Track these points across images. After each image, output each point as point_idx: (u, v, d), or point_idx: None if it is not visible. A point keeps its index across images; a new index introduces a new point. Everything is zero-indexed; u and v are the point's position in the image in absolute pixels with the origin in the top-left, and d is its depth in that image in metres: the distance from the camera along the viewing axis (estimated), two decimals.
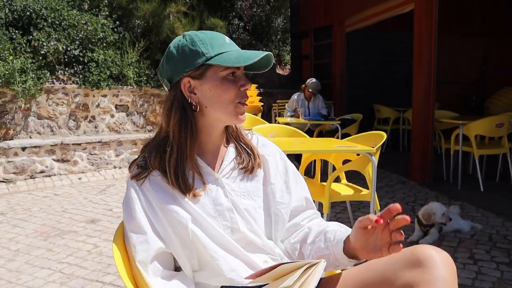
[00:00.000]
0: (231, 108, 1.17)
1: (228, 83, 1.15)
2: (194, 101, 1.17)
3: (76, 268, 2.97)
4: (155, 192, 1.16)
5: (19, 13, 6.12)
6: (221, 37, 1.18)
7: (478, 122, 4.78)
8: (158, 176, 1.17)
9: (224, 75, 1.15)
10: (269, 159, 1.31)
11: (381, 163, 3.58)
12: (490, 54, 8.62)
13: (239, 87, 1.17)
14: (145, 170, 1.17)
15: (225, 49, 1.15)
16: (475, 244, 3.30)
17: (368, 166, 2.95)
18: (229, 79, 1.16)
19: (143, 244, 1.12)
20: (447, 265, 1.04)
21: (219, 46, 1.14)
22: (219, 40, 1.16)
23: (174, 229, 1.14)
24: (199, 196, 1.17)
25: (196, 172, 1.19)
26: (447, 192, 4.83)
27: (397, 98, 8.32)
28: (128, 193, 1.18)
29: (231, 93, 1.16)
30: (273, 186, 1.28)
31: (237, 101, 1.17)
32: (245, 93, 1.18)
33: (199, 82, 1.16)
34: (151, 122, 7.05)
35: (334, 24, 8.12)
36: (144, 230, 1.13)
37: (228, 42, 1.17)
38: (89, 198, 4.89)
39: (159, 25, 7.28)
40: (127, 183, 1.20)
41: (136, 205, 1.16)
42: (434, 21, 5.18)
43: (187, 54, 1.15)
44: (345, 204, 3.73)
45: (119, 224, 1.28)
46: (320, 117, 5.88)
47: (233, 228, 1.19)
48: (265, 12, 10.84)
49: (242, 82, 1.17)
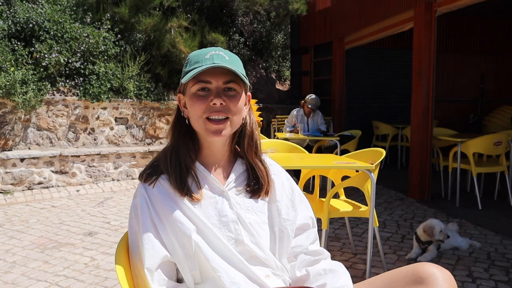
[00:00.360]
0: (201, 123, 1.18)
1: (196, 99, 1.17)
2: (186, 114, 1.23)
3: (73, 281, 2.95)
4: (162, 199, 1.17)
5: (21, 25, 6.18)
6: (205, 53, 1.18)
7: (476, 140, 4.80)
8: (165, 180, 1.20)
9: (194, 91, 1.18)
10: (275, 178, 1.32)
11: (380, 180, 3.59)
12: (488, 73, 8.70)
13: (209, 102, 1.16)
14: (155, 174, 1.21)
15: (198, 64, 1.16)
16: (474, 262, 3.29)
17: (367, 182, 2.96)
18: (199, 94, 1.17)
19: (150, 251, 1.13)
20: (449, 282, 1.05)
21: (194, 63, 1.17)
22: (198, 57, 1.18)
23: (177, 239, 1.14)
24: (198, 201, 1.18)
25: (196, 179, 1.21)
26: (445, 209, 4.83)
27: (395, 115, 8.37)
28: (136, 200, 1.20)
29: (197, 108, 1.17)
30: (278, 204, 1.28)
31: (205, 116, 1.17)
32: (214, 107, 1.16)
33: (185, 97, 1.23)
34: (151, 135, 7.06)
35: (334, 41, 8.20)
36: (151, 237, 1.14)
37: (207, 57, 1.16)
38: (87, 211, 4.87)
39: (161, 39, 7.34)
40: (136, 190, 1.23)
41: (144, 212, 1.17)
42: (433, 40, 5.24)
43: (183, 72, 1.22)
44: (344, 220, 3.73)
45: (123, 235, 1.29)
46: (319, 133, 5.90)
47: (237, 240, 1.19)
48: (265, 28, 10.94)
49: (211, 97, 1.16)
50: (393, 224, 4.34)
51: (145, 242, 1.14)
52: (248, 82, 1.21)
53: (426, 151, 5.40)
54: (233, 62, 1.18)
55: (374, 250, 3.42)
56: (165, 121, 7.22)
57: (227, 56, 1.18)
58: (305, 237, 1.32)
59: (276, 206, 1.28)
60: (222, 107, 1.16)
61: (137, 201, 1.19)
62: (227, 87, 1.17)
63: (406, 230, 4.14)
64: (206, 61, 1.15)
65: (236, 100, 1.18)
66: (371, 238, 2.89)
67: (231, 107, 1.17)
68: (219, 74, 1.16)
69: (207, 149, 1.25)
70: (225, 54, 1.18)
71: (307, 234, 1.33)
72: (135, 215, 1.19)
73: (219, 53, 1.17)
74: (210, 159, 1.26)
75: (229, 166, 1.29)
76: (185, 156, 1.21)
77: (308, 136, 5.83)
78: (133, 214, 1.20)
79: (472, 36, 8.68)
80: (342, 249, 3.61)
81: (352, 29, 7.49)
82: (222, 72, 1.16)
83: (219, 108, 1.16)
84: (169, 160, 1.21)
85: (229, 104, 1.17)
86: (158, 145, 7.06)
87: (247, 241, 1.20)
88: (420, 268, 1.08)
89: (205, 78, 1.15)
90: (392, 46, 8.58)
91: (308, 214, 1.35)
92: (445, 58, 8.20)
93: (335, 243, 3.76)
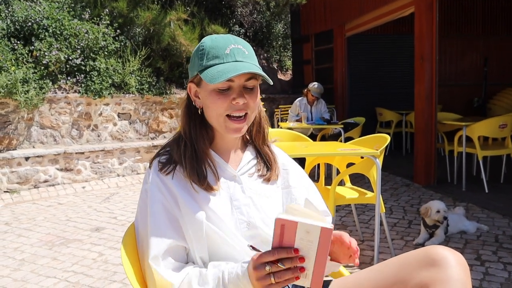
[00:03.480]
0: (221, 121, 1.17)
1: (216, 96, 1.14)
2: (198, 104, 1.22)
3: (81, 276, 2.96)
4: (176, 187, 1.17)
5: (20, 23, 6.16)
6: (224, 46, 1.15)
7: (481, 123, 4.77)
8: (179, 170, 1.19)
9: (213, 88, 1.14)
10: (288, 165, 1.36)
11: (385, 166, 3.57)
12: (491, 55, 8.62)
13: (231, 100, 1.14)
14: (170, 163, 1.20)
15: (218, 60, 1.13)
16: (482, 245, 3.28)
17: (372, 169, 2.95)
18: (219, 91, 1.14)
19: (157, 237, 1.13)
20: (461, 265, 1.05)
21: (213, 58, 1.14)
22: (217, 51, 1.14)
23: (190, 223, 1.14)
24: (215, 190, 1.18)
25: (212, 167, 1.21)
26: (452, 193, 4.81)
27: (399, 101, 8.31)
28: (147, 186, 1.19)
29: (219, 106, 1.15)
30: (292, 189, 1.31)
31: (227, 113, 1.15)
32: (237, 106, 1.15)
33: (199, 89, 1.19)
34: (154, 130, 7.06)
35: (335, 29, 8.14)
36: (157, 224, 1.14)
37: (227, 53, 1.13)
38: (93, 207, 4.88)
39: (160, 33, 7.30)
40: (146, 176, 1.21)
41: (153, 199, 1.16)
42: (435, 24, 5.18)
43: (193, 62, 1.19)
44: (350, 207, 3.72)
45: (129, 226, 1.29)
46: (322, 122, 5.88)
47: (249, 223, 1.19)
48: (265, 18, 10.88)
49: (234, 95, 1.14)
50: (400, 210, 4.33)
51: (152, 228, 1.14)
52: (269, 78, 1.17)
53: (430, 136, 5.37)
54: (252, 56, 1.17)
55: (381, 236, 3.42)
56: (168, 115, 7.21)
57: (246, 51, 1.16)
58: None
59: (289, 191, 1.31)
60: (243, 105, 1.15)
61: (147, 186, 1.19)
62: (247, 84, 1.16)
63: (413, 215, 4.13)
64: (227, 57, 1.13)
65: (255, 96, 1.18)
66: (378, 224, 2.88)
67: (251, 103, 1.17)
68: None
69: (219, 138, 1.25)
70: (244, 48, 1.16)
71: None
72: (143, 201, 1.19)
73: (238, 47, 1.15)
74: (223, 147, 1.27)
75: (239, 153, 1.30)
76: (202, 145, 1.21)
77: (312, 125, 5.81)
78: (141, 200, 1.20)
79: (474, 19, 8.60)
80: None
81: (352, 16, 7.42)
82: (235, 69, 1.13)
83: (241, 107, 1.15)
84: (182, 150, 1.20)
85: (249, 101, 1.16)
86: (162, 139, 7.06)
87: (260, 223, 1.20)
88: (432, 251, 1.08)
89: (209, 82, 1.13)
90: (394, 32, 8.51)
91: (322, 206, 1.38)
92: (448, 42, 8.13)
93: (342, 230, 3.75)
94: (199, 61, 1.16)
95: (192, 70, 1.20)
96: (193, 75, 1.19)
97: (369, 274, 1.18)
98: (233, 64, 1.11)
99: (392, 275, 1.12)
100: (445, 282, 1.02)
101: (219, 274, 1.07)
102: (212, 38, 1.17)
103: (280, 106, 8.07)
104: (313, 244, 0.94)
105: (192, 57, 1.20)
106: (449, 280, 1.02)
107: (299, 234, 0.93)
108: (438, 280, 1.02)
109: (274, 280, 0.95)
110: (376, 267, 1.19)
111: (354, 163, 3.22)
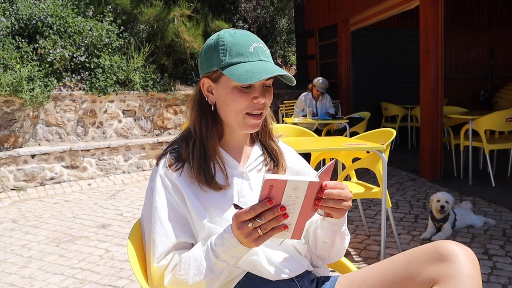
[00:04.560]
0: (239, 117, 1.16)
1: (238, 94, 1.13)
2: (211, 100, 1.20)
3: (88, 273, 2.97)
4: (183, 184, 1.16)
5: (25, 21, 6.17)
6: (246, 44, 1.13)
7: (488, 117, 4.73)
8: (187, 169, 1.18)
9: (235, 85, 1.13)
10: (296, 162, 1.37)
11: (391, 161, 3.55)
12: (497, 48, 8.55)
13: (252, 98, 1.14)
14: (179, 161, 1.19)
15: (243, 58, 1.12)
16: (489, 240, 3.26)
17: (378, 163, 2.93)
18: (241, 89, 1.13)
19: (163, 236, 1.13)
20: (471, 259, 1.04)
21: (237, 55, 1.12)
22: (241, 48, 1.12)
23: (196, 222, 1.15)
24: (223, 189, 1.18)
25: (220, 164, 1.20)
26: (458, 188, 4.78)
27: (404, 96, 8.28)
28: (153, 183, 1.18)
29: (240, 104, 1.14)
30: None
31: (246, 111, 1.15)
32: (257, 105, 1.15)
33: (215, 85, 1.17)
34: (159, 126, 7.07)
35: (339, 23, 8.09)
36: (164, 221, 1.14)
37: (251, 51, 1.12)
38: (99, 204, 4.90)
39: (164, 29, 7.29)
40: (153, 174, 1.21)
41: (160, 194, 1.16)
42: (440, 17, 5.14)
43: (209, 56, 1.16)
44: (356, 202, 3.71)
45: (135, 222, 1.28)
46: (327, 117, 5.86)
47: None
48: (269, 14, 10.84)
49: (255, 94, 1.14)
50: (406, 204, 4.31)
51: (157, 227, 1.14)
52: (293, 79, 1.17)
53: (436, 130, 5.34)
54: (270, 55, 1.18)
55: (387, 231, 3.41)
56: (173, 112, 7.21)
57: (266, 50, 1.17)
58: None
59: None
60: (264, 104, 1.16)
61: (153, 184, 1.18)
62: (266, 83, 1.16)
63: (419, 210, 4.11)
64: (252, 56, 1.12)
65: (271, 94, 1.19)
66: (384, 219, 2.87)
67: (267, 102, 1.17)
68: None
69: (229, 135, 1.25)
70: (264, 47, 1.17)
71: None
72: (151, 196, 1.18)
73: (260, 46, 1.15)
74: (232, 143, 1.26)
75: (247, 149, 1.30)
76: (212, 142, 1.20)
77: (317, 120, 5.79)
78: (149, 195, 1.19)
79: (480, 12, 8.53)
80: (355, 232, 3.59)
81: (356, 10, 7.38)
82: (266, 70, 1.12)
83: (261, 106, 1.16)
84: (191, 149, 1.18)
85: (267, 99, 1.17)
86: (167, 135, 7.06)
87: None
88: (441, 246, 1.07)
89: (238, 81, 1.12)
90: (398, 26, 8.46)
91: None
92: (453, 35, 8.08)
93: (348, 225, 3.72)
94: (220, 57, 1.13)
95: (208, 65, 1.16)
96: (210, 71, 1.16)
97: (377, 269, 1.17)
98: (260, 64, 1.11)
99: (400, 270, 1.11)
100: (454, 277, 1.01)
101: (207, 243, 1.08)
102: (231, 34, 1.15)
103: (285, 102, 8.06)
104: (299, 199, 0.96)
105: (208, 51, 1.16)
106: (459, 275, 1.01)
107: (287, 192, 0.94)
108: (447, 275, 1.01)
109: (261, 232, 0.96)
110: (384, 263, 1.18)
111: (360, 158, 3.20)
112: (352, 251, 3.16)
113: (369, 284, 1.15)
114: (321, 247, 1.27)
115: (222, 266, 1.05)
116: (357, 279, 1.19)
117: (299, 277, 1.22)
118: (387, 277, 1.12)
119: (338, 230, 1.23)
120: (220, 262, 1.04)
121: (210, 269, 1.05)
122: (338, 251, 1.30)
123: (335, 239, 1.25)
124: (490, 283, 2.58)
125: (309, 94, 6.25)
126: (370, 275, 1.17)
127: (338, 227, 1.22)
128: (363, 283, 1.17)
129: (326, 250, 1.27)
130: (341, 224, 1.22)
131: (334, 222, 1.19)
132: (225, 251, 1.03)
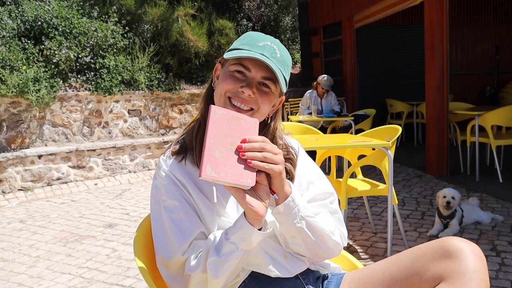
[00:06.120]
0: (222, 100, 1.15)
1: (230, 77, 1.14)
2: (214, 86, 1.22)
3: (96, 272, 2.99)
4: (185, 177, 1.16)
5: (30, 23, 6.20)
6: (260, 39, 1.15)
7: (494, 112, 4.70)
8: (189, 158, 1.19)
9: (231, 70, 1.14)
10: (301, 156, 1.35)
11: (397, 158, 3.54)
12: (503, 43, 8.49)
13: (239, 86, 1.12)
14: (183, 149, 1.20)
15: (248, 47, 1.13)
16: (497, 236, 3.25)
17: (384, 160, 2.92)
18: (234, 74, 1.14)
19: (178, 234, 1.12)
20: (478, 256, 1.03)
21: (245, 44, 1.14)
22: (253, 39, 1.14)
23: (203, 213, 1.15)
24: None
25: None
26: (465, 184, 4.76)
27: (409, 92, 8.24)
28: (157, 181, 1.18)
29: (226, 85, 1.14)
30: (300, 178, 1.28)
31: (229, 95, 1.14)
32: (241, 94, 1.12)
33: (221, 69, 1.20)
34: (164, 126, 7.08)
35: (343, 20, 8.07)
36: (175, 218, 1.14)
37: (260, 45, 1.13)
38: (106, 203, 4.92)
39: (168, 28, 7.30)
40: (156, 171, 1.21)
41: (168, 190, 1.16)
42: (445, 12, 5.11)
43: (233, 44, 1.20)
44: (362, 199, 3.70)
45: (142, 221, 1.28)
46: (333, 114, 5.85)
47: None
48: (273, 12, 10.82)
49: (243, 84, 1.12)
50: (412, 201, 4.30)
51: (172, 225, 1.13)
52: (284, 88, 1.16)
53: (442, 126, 5.31)
54: (281, 62, 1.14)
55: (394, 228, 3.40)
56: (178, 111, 7.22)
57: (279, 53, 1.14)
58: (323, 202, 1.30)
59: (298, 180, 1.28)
60: (249, 97, 1.13)
61: (157, 182, 1.18)
62: (263, 82, 1.14)
63: (426, 207, 4.09)
64: (256, 48, 1.12)
65: (266, 98, 1.15)
66: (391, 216, 2.86)
67: (259, 101, 1.14)
68: (261, 67, 1.12)
69: None
70: (279, 50, 1.15)
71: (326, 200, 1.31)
72: (157, 195, 1.17)
73: (272, 45, 1.14)
74: None
75: None
76: None
77: (322, 118, 5.78)
78: (155, 195, 1.18)
79: (485, 7, 8.47)
80: (362, 229, 3.59)
81: (361, 7, 7.35)
82: (265, 67, 1.12)
83: (246, 98, 1.13)
84: (195, 132, 1.20)
85: (257, 98, 1.13)
86: (172, 135, 7.08)
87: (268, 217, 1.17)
88: (448, 242, 1.06)
89: (247, 64, 1.12)
90: (403, 22, 8.42)
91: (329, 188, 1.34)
92: (458, 30, 8.03)
93: (354, 223, 3.74)
94: (234, 44, 1.18)
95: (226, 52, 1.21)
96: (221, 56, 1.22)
97: (383, 266, 1.17)
98: (255, 54, 1.10)
99: (407, 267, 1.10)
100: (461, 274, 1.00)
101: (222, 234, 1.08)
102: (257, 32, 1.19)
103: (290, 100, 8.04)
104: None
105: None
106: (466, 272, 1.00)
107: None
108: (454, 272, 1.01)
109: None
110: (390, 259, 1.17)
111: (365, 155, 3.19)
112: (358, 248, 3.15)
113: (375, 281, 1.15)
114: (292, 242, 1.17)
115: (229, 248, 1.02)
116: (363, 277, 1.19)
117: (304, 275, 1.21)
118: (393, 274, 1.12)
119: (292, 220, 1.11)
120: (228, 244, 1.03)
121: (217, 250, 1.04)
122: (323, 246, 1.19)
123: (300, 232, 1.14)
124: (498, 279, 2.56)
125: (314, 92, 6.24)
126: (377, 272, 1.16)
127: (290, 217, 1.10)
128: (370, 280, 1.16)
129: (301, 246, 1.17)
130: (289, 211, 1.10)
131: (283, 211, 1.10)
132: (234, 232, 1.02)
